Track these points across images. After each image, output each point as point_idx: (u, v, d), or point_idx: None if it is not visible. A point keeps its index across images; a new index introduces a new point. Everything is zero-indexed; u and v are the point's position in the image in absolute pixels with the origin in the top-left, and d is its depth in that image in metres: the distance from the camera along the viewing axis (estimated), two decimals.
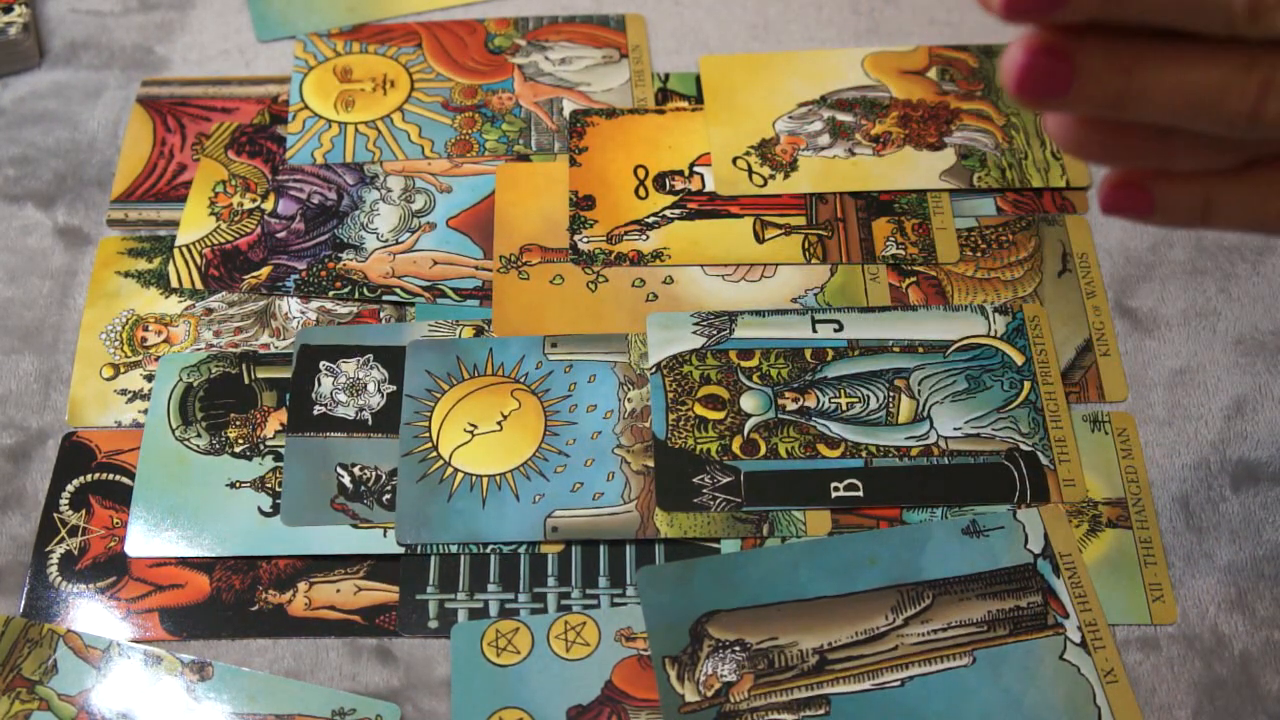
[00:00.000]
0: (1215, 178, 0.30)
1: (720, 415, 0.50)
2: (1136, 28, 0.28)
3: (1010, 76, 0.29)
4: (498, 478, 0.49)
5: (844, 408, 0.51)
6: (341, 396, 0.51)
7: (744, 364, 0.52)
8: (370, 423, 0.51)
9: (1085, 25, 0.28)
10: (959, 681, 0.44)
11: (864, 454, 0.49)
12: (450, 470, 0.49)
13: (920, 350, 0.52)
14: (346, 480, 0.49)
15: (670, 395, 0.51)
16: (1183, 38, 0.28)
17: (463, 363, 0.52)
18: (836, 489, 0.49)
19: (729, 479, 0.49)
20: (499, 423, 0.50)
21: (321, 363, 0.52)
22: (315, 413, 0.51)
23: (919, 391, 0.51)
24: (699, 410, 0.50)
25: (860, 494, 0.48)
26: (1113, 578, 0.47)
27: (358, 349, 0.53)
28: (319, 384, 0.52)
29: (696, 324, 0.53)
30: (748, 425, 0.50)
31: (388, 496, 0.49)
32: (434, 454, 0.50)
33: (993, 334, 0.53)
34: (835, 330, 0.53)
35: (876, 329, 0.53)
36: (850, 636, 0.45)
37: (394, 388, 0.52)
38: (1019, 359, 0.52)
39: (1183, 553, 0.48)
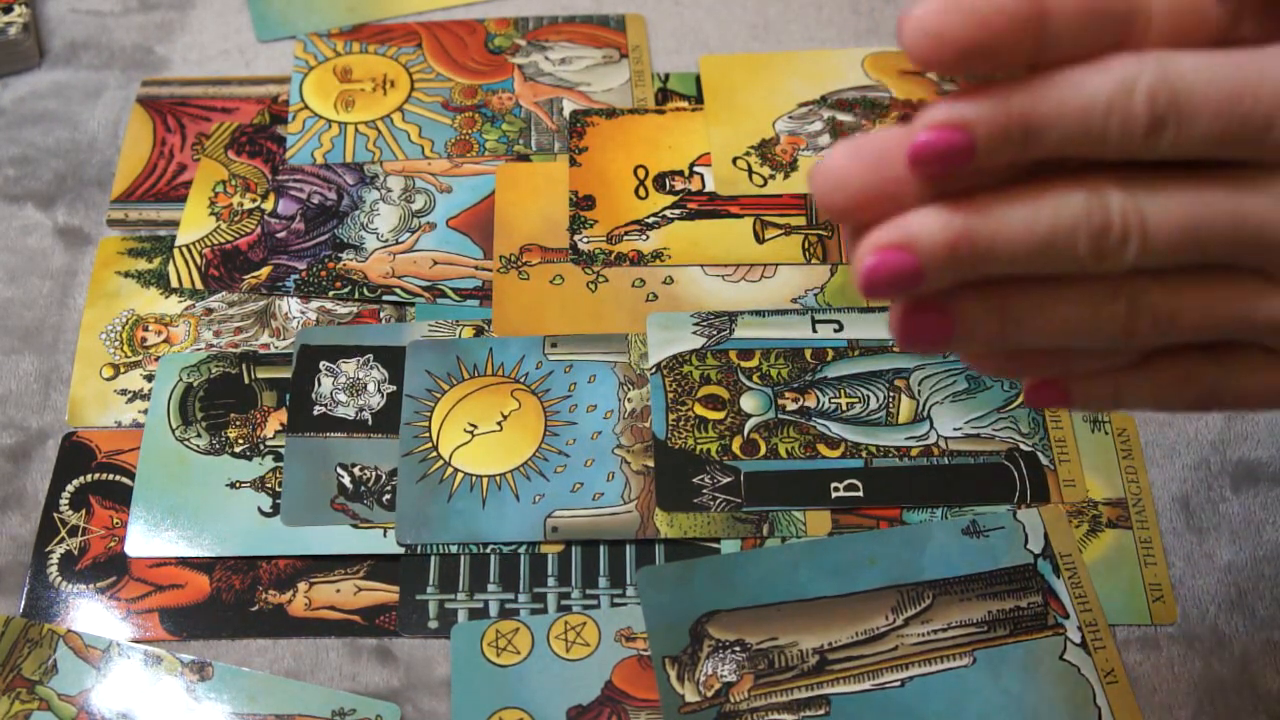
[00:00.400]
0: (1121, 372, 0.32)
1: (720, 415, 0.50)
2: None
3: (894, 332, 0.31)
4: (498, 478, 0.49)
5: (844, 408, 0.51)
6: (341, 396, 0.51)
7: (744, 364, 0.52)
8: (370, 423, 0.51)
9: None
10: (959, 682, 0.44)
11: (864, 454, 0.49)
12: (450, 470, 0.49)
13: None
14: (346, 480, 0.49)
15: (670, 395, 0.51)
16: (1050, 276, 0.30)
17: (463, 363, 0.52)
18: (836, 489, 0.49)
19: (729, 479, 0.49)
20: (499, 423, 0.50)
21: (321, 363, 0.52)
22: (315, 413, 0.51)
23: (919, 391, 0.51)
24: (699, 410, 0.50)
25: (860, 494, 0.48)
26: (1113, 578, 0.47)
27: (358, 349, 0.53)
28: (319, 384, 0.52)
29: (696, 324, 0.53)
30: (748, 425, 0.50)
31: (388, 496, 0.49)
32: (434, 454, 0.50)
33: None
34: (835, 330, 0.53)
35: (877, 329, 0.53)
36: (850, 637, 0.45)
37: (394, 388, 0.52)
38: None
39: (1183, 553, 0.48)
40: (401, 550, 0.48)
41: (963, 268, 0.29)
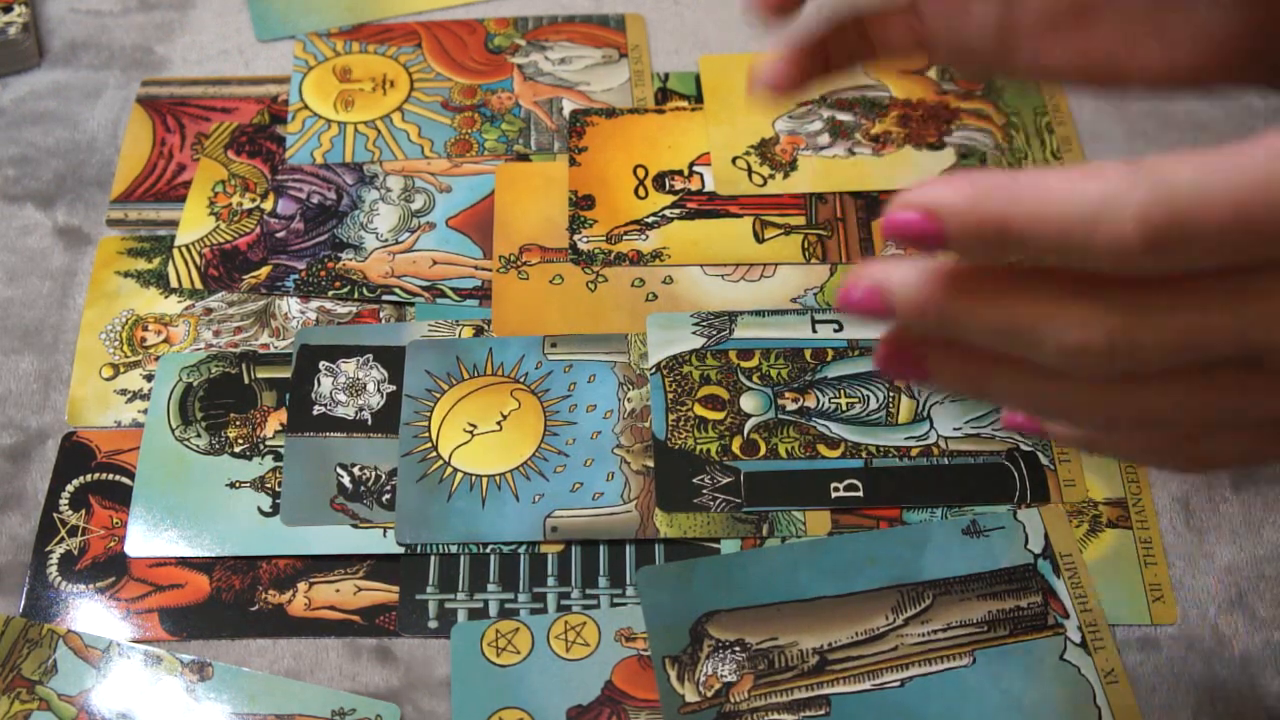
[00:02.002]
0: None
1: (720, 415, 0.50)
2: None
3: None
4: (497, 477, 0.49)
5: (844, 408, 0.51)
6: (341, 396, 0.51)
7: (744, 364, 0.52)
8: (370, 423, 0.51)
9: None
10: (959, 681, 0.44)
11: (864, 454, 0.49)
12: (450, 470, 0.49)
13: None
14: (346, 480, 0.49)
15: (670, 395, 0.51)
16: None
17: (462, 362, 0.52)
18: (836, 489, 0.49)
19: (729, 479, 0.49)
20: (499, 423, 0.50)
21: (321, 363, 0.52)
22: (315, 413, 0.51)
23: (919, 391, 0.51)
24: (699, 410, 0.50)
25: (860, 494, 0.48)
26: (1113, 578, 0.47)
27: (357, 349, 0.52)
28: (319, 384, 0.52)
29: (696, 324, 0.53)
30: (748, 425, 0.50)
31: (387, 496, 0.49)
32: (434, 454, 0.50)
33: None
34: (835, 330, 0.53)
35: (876, 328, 0.52)
36: (850, 637, 0.45)
37: (393, 388, 0.52)
38: None
39: (1183, 553, 0.48)
40: (401, 550, 0.48)
41: (931, 327, 0.29)
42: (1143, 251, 0.25)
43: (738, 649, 0.45)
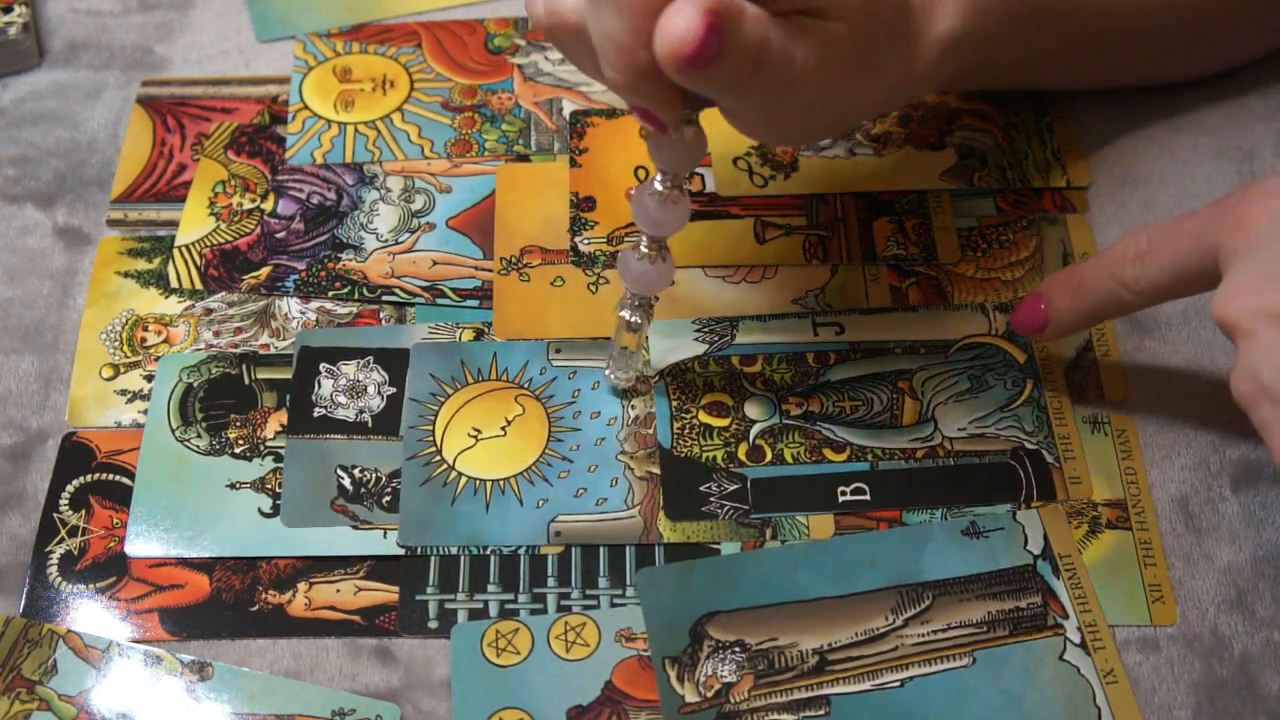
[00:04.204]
0: None
1: (725, 422, 0.50)
2: None
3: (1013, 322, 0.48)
4: (501, 482, 0.49)
5: (848, 411, 0.51)
6: (341, 399, 0.51)
7: (747, 370, 0.52)
8: (370, 425, 0.51)
9: None
10: (959, 682, 0.45)
11: (870, 457, 0.49)
12: (454, 474, 0.49)
13: (922, 351, 0.52)
14: (346, 482, 0.49)
15: (674, 403, 0.51)
16: None
17: (466, 367, 0.52)
18: (844, 493, 0.49)
19: (736, 486, 0.49)
20: (503, 428, 0.50)
21: (321, 365, 0.52)
22: (315, 415, 0.51)
23: (922, 393, 0.51)
24: (704, 418, 0.50)
25: (867, 497, 0.48)
26: (1112, 579, 0.47)
27: (357, 351, 0.52)
28: (319, 386, 0.52)
29: (698, 330, 0.53)
30: (753, 431, 0.50)
31: (388, 498, 0.49)
32: (438, 458, 0.50)
33: (994, 332, 0.53)
34: (837, 333, 0.53)
35: (878, 330, 0.53)
36: (850, 637, 0.45)
37: (394, 390, 0.52)
38: (1020, 357, 0.52)
39: (1182, 553, 0.48)
40: (401, 550, 0.48)
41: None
42: None
43: (737, 649, 0.45)
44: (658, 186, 0.44)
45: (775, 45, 0.40)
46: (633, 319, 0.48)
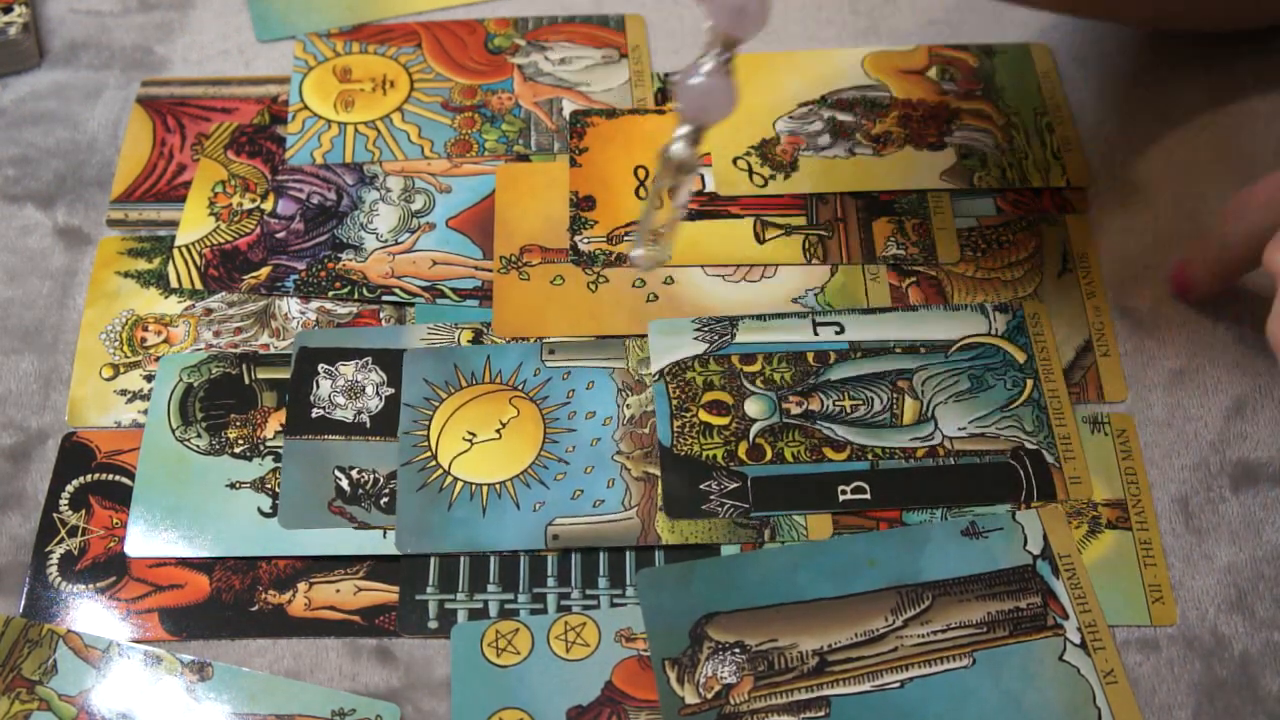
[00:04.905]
0: None
1: (725, 421, 0.50)
2: None
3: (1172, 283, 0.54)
4: (498, 486, 0.49)
5: (848, 410, 0.51)
6: (340, 399, 0.51)
7: (747, 369, 0.52)
8: (368, 426, 0.51)
9: None
10: (958, 682, 0.45)
11: (870, 456, 0.49)
12: (450, 479, 0.49)
13: (922, 351, 0.52)
14: (345, 483, 0.49)
15: (674, 402, 0.51)
16: None
17: (460, 371, 0.52)
18: (844, 492, 0.49)
19: (736, 485, 0.49)
20: (498, 431, 0.50)
21: (320, 365, 0.52)
22: (313, 415, 0.51)
23: (922, 392, 0.51)
24: (704, 416, 0.50)
25: (868, 497, 0.48)
26: (1112, 579, 0.47)
27: (356, 352, 0.52)
28: (317, 387, 0.52)
29: (698, 329, 0.53)
30: (753, 430, 0.50)
31: (386, 500, 0.49)
32: (433, 463, 0.50)
33: (994, 332, 0.53)
34: (837, 333, 0.53)
35: (878, 330, 0.53)
36: (850, 638, 0.45)
37: (392, 391, 0.52)
38: (1020, 357, 0.52)
39: (1182, 554, 0.48)
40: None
41: None
42: None
43: (737, 651, 0.45)
44: None
45: None
46: (685, 154, 0.41)
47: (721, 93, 0.40)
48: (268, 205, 0.57)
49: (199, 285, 0.55)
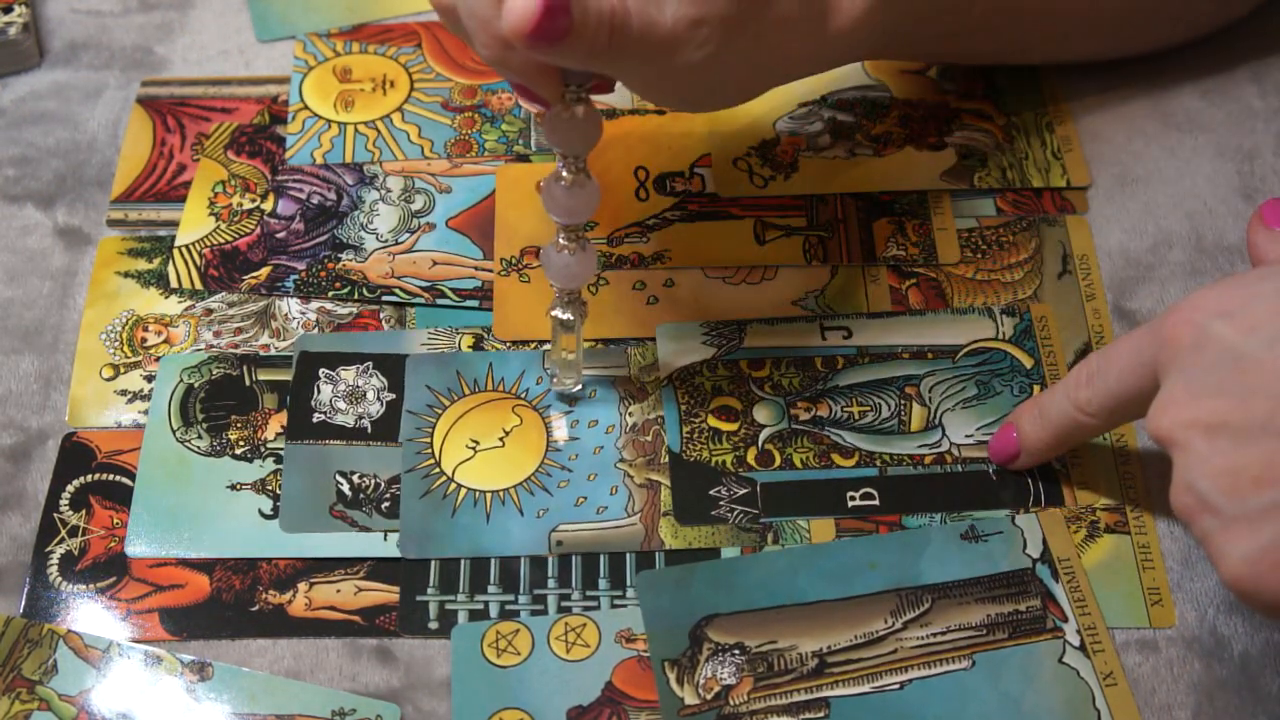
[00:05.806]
0: None
1: (734, 426, 0.50)
2: None
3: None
4: (501, 493, 0.49)
5: (856, 416, 0.51)
6: (341, 404, 0.51)
7: (755, 374, 0.52)
8: (369, 430, 0.51)
9: None
10: (958, 684, 0.45)
11: (878, 463, 0.49)
12: (454, 486, 0.49)
13: (929, 356, 0.52)
14: (345, 488, 0.49)
15: (683, 407, 0.51)
16: None
17: (463, 378, 0.52)
18: (852, 498, 0.49)
19: (745, 490, 0.49)
20: (501, 439, 0.50)
21: (321, 370, 0.52)
22: (314, 420, 0.51)
23: (930, 399, 0.51)
24: (713, 422, 0.50)
25: (876, 503, 0.48)
26: (1111, 582, 0.47)
27: (357, 356, 0.52)
28: (318, 391, 0.52)
29: (706, 334, 0.53)
30: (762, 436, 0.50)
31: (387, 504, 0.49)
32: (437, 470, 0.50)
33: (1001, 337, 0.52)
34: (844, 337, 0.52)
35: (885, 335, 0.52)
36: (849, 640, 0.45)
37: (393, 395, 0.52)
38: (1028, 362, 0.52)
39: (1180, 556, 0.48)
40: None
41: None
42: None
43: (737, 652, 0.45)
44: (562, 172, 0.43)
45: (633, 11, 0.39)
46: (565, 316, 0.47)
47: (582, 266, 0.46)
48: (268, 205, 0.57)
49: (199, 285, 0.55)
